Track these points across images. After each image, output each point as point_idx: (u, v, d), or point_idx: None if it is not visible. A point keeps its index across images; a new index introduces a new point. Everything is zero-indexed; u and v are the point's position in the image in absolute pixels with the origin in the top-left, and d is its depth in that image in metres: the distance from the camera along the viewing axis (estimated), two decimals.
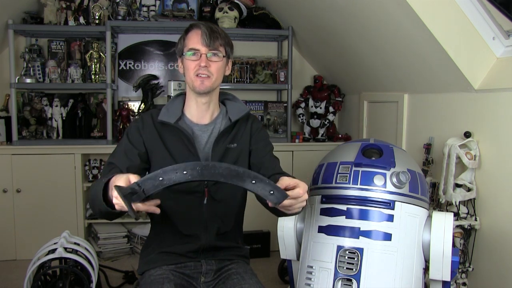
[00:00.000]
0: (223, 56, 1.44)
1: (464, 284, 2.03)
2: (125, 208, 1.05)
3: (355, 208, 1.55)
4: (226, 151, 1.48)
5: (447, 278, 1.53)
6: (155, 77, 3.37)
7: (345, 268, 1.51)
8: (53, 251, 1.95)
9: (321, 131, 3.43)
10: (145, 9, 3.25)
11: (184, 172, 1.06)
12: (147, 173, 1.51)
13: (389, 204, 1.54)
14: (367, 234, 1.52)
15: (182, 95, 1.54)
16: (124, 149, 1.45)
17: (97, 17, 3.09)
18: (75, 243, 2.05)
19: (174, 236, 1.47)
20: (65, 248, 1.96)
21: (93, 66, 3.15)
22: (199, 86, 1.42)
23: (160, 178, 1.05)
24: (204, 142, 1.48)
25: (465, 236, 2.01)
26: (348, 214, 1.55)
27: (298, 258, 1.72)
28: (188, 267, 1.46)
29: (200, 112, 1.49)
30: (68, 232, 2.08)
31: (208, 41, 1.40)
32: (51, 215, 2.98)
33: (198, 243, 1.45)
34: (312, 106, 3.45)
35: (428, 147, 2.32)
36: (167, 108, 1.49)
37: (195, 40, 1.41)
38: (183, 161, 1.43)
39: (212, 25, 1.45)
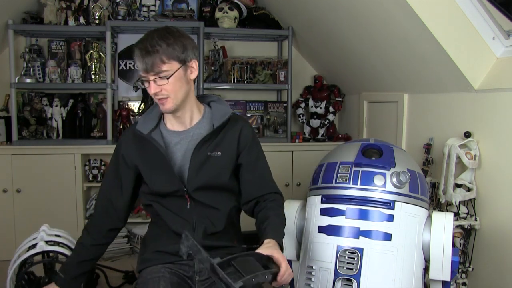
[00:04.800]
0: (170, 75, 1.32)
1: (464, 284, 2.03)
2: None
3: (355, 208, 1.55)
4: (207, 160, 1.43)
5: (447, 278, 1.53)
6: None
7: (345, 268, 1.51)
8: (34, 246, 1.85)
9: (321, 131, 3.43)
10: (145, 9, 3.25)
11: None
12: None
13: (389, 204, 1.54)
14: (367, 234, 1.52)
15: None
16: (111, 174, 1.52)
17: (97, 17, 3.09)
18: (56, 235, 1.94)
19: (167, 236, 1.47)
20: (47, 242, 1.86)
21: (93, 66, 3.15)
22: (162, 109, 1.40)
23: None
24: (183, 150, 1.45)
25: (465, 236, 2.01)
26: (348, 214, 1.55)
27: (298, 258, 1.72)
28: (183, 266, 1.46)
29: (178, 122, 1.47)
30: (47, 226, 1.97)
31: (145, 66, 1.31)
32: (51, 215, 2.97)
33: None
34: (312, 106, 3.44)
35: (428, 147, 2.32)
36: (144, 118, 1.48)
37: (139, 66, 1.33)
38: (159, 175, 1.44)
39: (150, 42, 1.31)
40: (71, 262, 1.50)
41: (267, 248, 1.27)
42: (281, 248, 1.32)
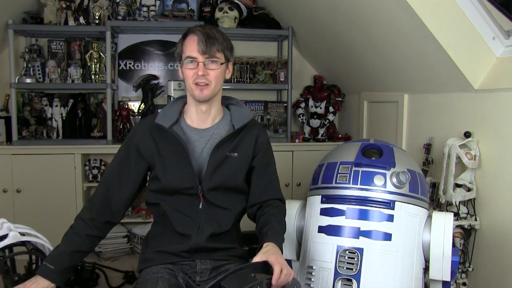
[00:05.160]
0: (222, 63, 1.41)
1: (464, 284, 2.03)
2: None
3: (355, 208, 1.55)
4: (225, 159, 1.45)
5: (447, 278, 1.53)
6: (155, 77, 3.37)
7: (345, 268, 1.51)
8: (2, 238, 1.60)
9: (321, 131, 3.43)
10: (145, 9, 3.25)
11: None
12: (149, 173, 1.51)
13: (389, 204, 1.54)
14: (367, 234, 1.52)
15: (182, 98, 1.53)
16: (119, 164, 1.49)
17: (97, 17, 3.09)
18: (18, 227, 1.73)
19: (170, 236, 1.47)
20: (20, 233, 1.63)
21: (93, 66, 3.15)
22: (198, 95, 1.41)
23: None
24: (201, 148, 1.46)
25: (465, 236, 2.01)
26: (348, 214, 1.55)
27: (298, 258, 1.72)
28: (184, 267, 1.45)
29: (200, 118, 1.48)
30: (4, 219, 1.73)
31: (205, 48, 1.37)
32: (51, 215, 2.97)
33: (190, 243, 1.44)
34: (312, 106, 3.44)
35: (428, 147, 2.32)
36: (164, 112, 1.48)
37: (192, 48, 1.39)
38: (175, 170, 1.44)
39: (210, 30, 1.41)
40: (63, 252, 1.39)
41: (264, 253, 1.27)
42: (281, 252, 1.32)
